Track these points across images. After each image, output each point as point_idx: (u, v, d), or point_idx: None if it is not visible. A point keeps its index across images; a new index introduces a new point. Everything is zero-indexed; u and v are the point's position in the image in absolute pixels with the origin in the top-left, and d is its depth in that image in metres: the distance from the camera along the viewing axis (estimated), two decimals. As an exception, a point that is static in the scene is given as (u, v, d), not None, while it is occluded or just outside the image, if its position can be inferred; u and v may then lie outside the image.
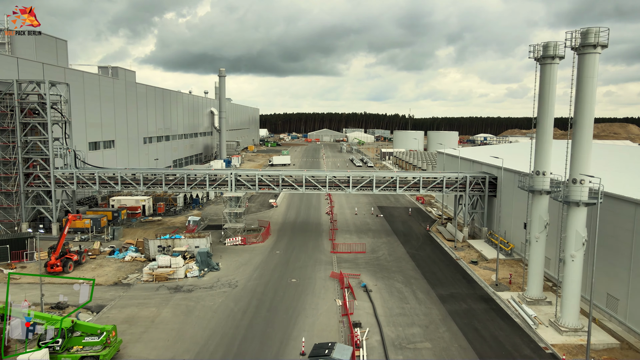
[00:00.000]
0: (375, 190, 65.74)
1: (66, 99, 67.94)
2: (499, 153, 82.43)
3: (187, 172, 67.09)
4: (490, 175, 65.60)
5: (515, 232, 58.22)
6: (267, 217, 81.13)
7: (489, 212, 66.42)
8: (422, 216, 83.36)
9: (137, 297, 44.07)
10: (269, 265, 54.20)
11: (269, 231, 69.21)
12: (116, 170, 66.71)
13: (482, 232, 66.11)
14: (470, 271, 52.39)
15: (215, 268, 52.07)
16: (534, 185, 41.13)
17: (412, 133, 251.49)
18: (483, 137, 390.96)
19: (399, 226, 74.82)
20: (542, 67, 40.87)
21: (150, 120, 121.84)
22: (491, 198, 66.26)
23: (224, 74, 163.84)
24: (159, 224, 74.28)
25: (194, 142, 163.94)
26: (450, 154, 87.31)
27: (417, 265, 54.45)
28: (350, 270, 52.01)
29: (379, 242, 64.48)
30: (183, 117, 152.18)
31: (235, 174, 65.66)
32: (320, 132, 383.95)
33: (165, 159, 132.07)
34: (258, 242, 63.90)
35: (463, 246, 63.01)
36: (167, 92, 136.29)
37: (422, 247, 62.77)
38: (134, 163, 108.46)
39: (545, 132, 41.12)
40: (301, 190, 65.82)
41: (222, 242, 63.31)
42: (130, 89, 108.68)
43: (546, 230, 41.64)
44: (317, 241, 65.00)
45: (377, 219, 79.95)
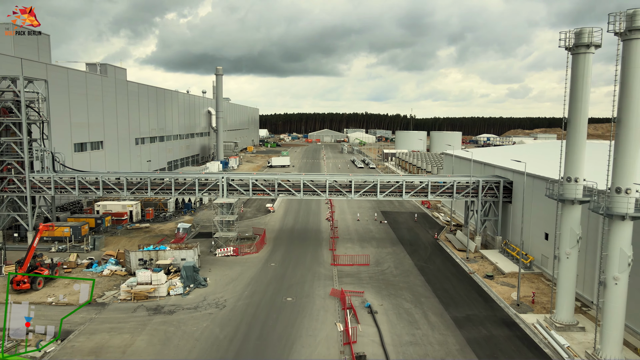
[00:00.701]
0: (380, 195, 60.37)
1: (44, 96, 62.66)
2: (512, 155, 77.03)
3: (175, 176, 61.75)
4: (505, 180, 60.16)
5: (534, 243, 52.80)
6: (263, 223, 75.77)
7: (503, 220, 60.98)
8: (429, 222, 77.94)
9: (111, 321, 38.71)
10: (262, 280, 48.83)
11: (264, 240, 63.84)
12: (98, 174, 61.37)
13: (496, 242, 60.66)
14: (486, 287, 46.96)
15: (202, 284, 46.69)
16: (565, 193, 35.72)
17: (416, 133, 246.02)
18: (486, 137, 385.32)
19: (404, 234, 69.40)
20: (575, 58, 35.48)
21: (143, 120, 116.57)
22: (506, 204, 60.83)
23: (221, 72, 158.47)
24: (146, 232, 68.94)
25: (190, 143, 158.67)
26: (460, 156, 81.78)
27: (427, 280, 49.04)
28: (352, 286, 46.64)
29: (384, 253, 59.08)
30: (178, 117, 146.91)
31: (227, 178, 60.31)
32: (321, 132, 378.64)
33: (159, 160, 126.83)
34: (252, 252, 58.53)
35: (476, 257, 57.58)
36: (161, 91, 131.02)
37: (431, 258, 57.36)
38: (124, 165, 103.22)
39: (578, 132, 35.73)
40: (299, 196, 60.46)
41: (213, 253, 57.97)
42: (121, 87, 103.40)
43: (578, 245, 36.24)
44: (317, 251, 59.64)
45: (381, 226, 74.55)
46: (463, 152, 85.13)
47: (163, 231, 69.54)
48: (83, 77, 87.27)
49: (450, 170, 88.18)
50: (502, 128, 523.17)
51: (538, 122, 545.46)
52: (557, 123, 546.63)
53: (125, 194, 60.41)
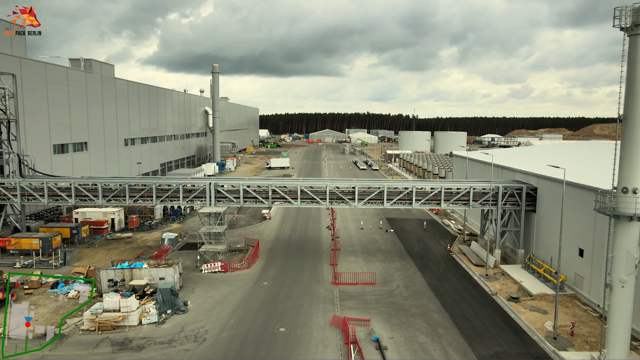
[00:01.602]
0: (387, 204, 53.63)
1: (12, 92, 56.14)
2: (531, 157, 70.33)
3: (158, 181, 55.09)
4: (528, 186, 53.37)
5: (566, 259, 45.97)
6: (258, 232, 69.08)
7: (526, 231, 54.22)
8: (439, 231, 71.17)
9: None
10: (252, 304, 42.13)
11: (257, 253, 57.17)
12: (71, 180, 54.67)
13: (518, 256, 53.88)
14: (514, 314, 40.17)
15: (181, 309, 40.01)
16: (621, 207, 28.94)
17: (419, 134, 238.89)
18: (490, 137, 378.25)
19: (413, 245, 62.64)
20: (633, 40, 28.73)
21: (133, 119, 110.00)
22: (529, 213, 54.06)
23: (217, 70, 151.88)
24: (127, 243, 62.30)
25: (185, 144, 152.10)
26: (474, 159, 74.74)
27: (443, 304, 42.27)
28: (356, 312, 39.97)
29: (392, 269, 52.34)
30: (173, 117, 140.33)
31: (215, 184, 53.60)
32: (322, 132, 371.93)
33: (151, 162, 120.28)
34: (242, 268, 51.85)
35: (496, 274, 50.81)
36: (153, 89, 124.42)
37: (445, 275, 50.61)
38: (112, 167, 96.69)
39: (638, 131, 28.92)
40: (296, 205, 53.75)
41: (198, 269, 51.31)
42: (108, 84, 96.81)
43: (636, 271, 29.46)
44: (316, 266, 52.95)
45: (387, 235, 67.79)
46: (477, 154, 78.13)
47: (147, 242, 62.90)
48: (64, 73, 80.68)
49: (461, 173, 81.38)
50: (505, 128, 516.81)
51: (542, 122, 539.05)
52: (562, 123, 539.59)
53: (101, 202, 53.77)
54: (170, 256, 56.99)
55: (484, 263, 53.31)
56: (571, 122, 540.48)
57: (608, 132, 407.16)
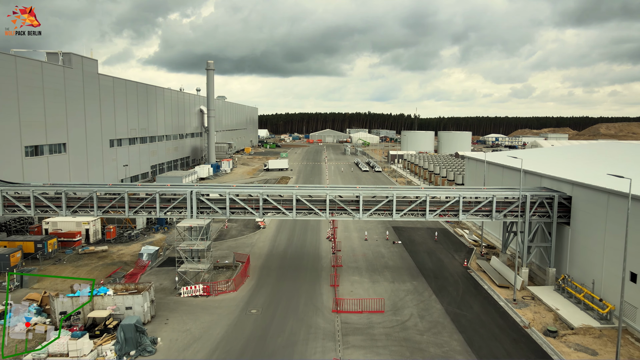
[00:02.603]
0: (396, 215, 46.27)
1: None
2: (553, 159, 62.93)
3: (132, 189, 47.72)
4: (561, 194, 45.97)
5: (610, 284, 38.64)
6: (250, 244, 61.76)
7: (557, 246, 46.88)
8: (452, 242, 63.81)
9: None
10: (236, 340, 34.79)
11: (247, 271, 49.87)
12: (30, 187, 47.29)
13: (549, 275, 46.50)
14: (556, 356, 32.71)
15: (148, 350, 32.68)
16: None
17: (423, 133, 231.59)
18: (494, 137, 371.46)
19: (425, 260, 55.28)
20: None
21: (120, 118, 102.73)
22: (561, 226, 46.70)
23: (212, 67, 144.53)
24: (101, 258, 55.01)
25: (179, 144, 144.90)
26: (492, 162, 67.04)
27: (468, 340, 34.87)
28: (363, 352, 32.63)
29: (402, 291, 44.98)
30: (165, 116, 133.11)
31: (197, 192, 46.23)
32: (323, 132, 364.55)
33: (140, 164, 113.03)
34: (228, 290, 44.53)
35: (525, 298, 43.43)
36: (143, 86, 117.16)
37: (465, 299, 43.24)
38: (95, 171, 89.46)
39: None
40: (291, 216, 46.40)
41: (177, 291, 44.01)
42: (91, 80, 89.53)
43: None
44: (314, 288, 45.63)
45: (395, 248, 60.43)
46: (495, 155, 70.39)
47: (123, 256, 55.62)
48: (38, 68, 73.35)
49: (476, 178, 73.94)
50: (508, 128, 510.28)
51: (545, 122, 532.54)
52: (565, 122, 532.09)
53: (65, 213, 46.42)
54: (149, 274, 49.85)
55: (509, 284, 45.98)
56: (575, 121, 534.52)
57: (614, 131, 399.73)
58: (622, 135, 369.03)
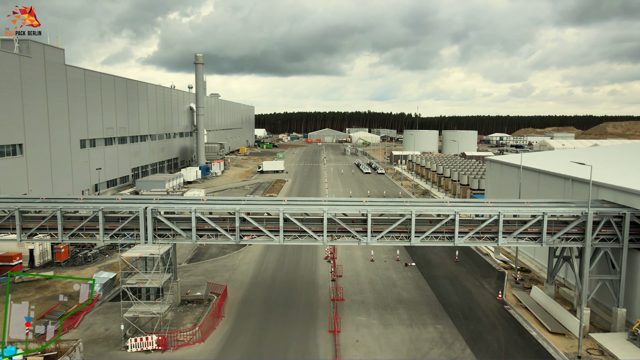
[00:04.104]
0: (416, 239, 35.18)
1: None
2: (596, 162, 51.67)
3: (65, 204, 36.41)
4: (634, 212, 34.84)
5: None
6: (231, 267, 50.62)
7: (629, 280, 35.78)
8: (476, 263, 52.73)
9: None
10: None
11: (222, 309, 38.70)
12: None
13: (617, 318, 35.35)
14: None
15: None
16: None
17: (427, 132, 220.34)
18: (499, 136, 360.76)
19: (447, 289, 44.14)
20: None
21: (94, 116, 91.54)
22: (633, 253, 35.59)
23: (201, 60, 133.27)
24: (40, 289, 43.73)
25: (166, 145, 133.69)
26: (530, 168, 54.87)
27: None
28: None
29: (425, 341, 33.82)
30: (149, 114, 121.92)
31: (153, 209, 35.01)
32: (322, 132, 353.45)
33: (118, 167, 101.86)
34: (193, 341, 33.38)
35: (591, 351, 32.30)
36: (122, 81, 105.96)
37: (510, 354, 32.10)
38: (61, 175, 78.27)
39: None
40: (277, 241, 35.28)
41: (123, 344, 32.86)
42: (55, 72, 78.32)
43: None
44: (307, 336, 34.48)
45: (408, 272, 49.32)
46: (526, 157, 58.53)
47: (68, 288, 44.25)
48: (-17, 55, 62.24)
49: (500, 183, 62.65)
50: (510, 127, 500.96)
51: (548, 121, 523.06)
52: (569, 121, 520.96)
53: (-23, 237, 35.30)
54: (96, 312, 38.79)
55: (565, 330, 34.88)
56: (578, 120, 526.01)
57: (621, 130, 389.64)
58: (629, 134, 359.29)
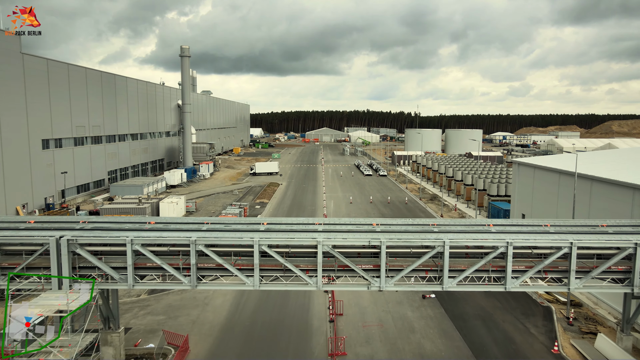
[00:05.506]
0: (450, 281, 24.48)
1: None
2: None
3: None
4: None
5: None
6: (201, 301, 39.74)
7: None
8: (514, 295, 42.01)
9: None
10: None
11: (178, 375, 27.93)
12: None
13: None
14: None
15: None
16: None
17: (429, 131, 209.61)
18: (502, 136, 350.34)
19: (482, 337, 33.41)
20: None
21: (60, 113, 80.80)
22: None
23: (187, 53, 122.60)
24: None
25: (150, 145, 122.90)
26: (579, 174, 43.56)
27: None
28: None
29: None
30: (130, 111, 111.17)
31: (72, 240, 24.16)
32: (320, 131, 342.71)
33: (91, 170, 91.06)
34: None
35: None
36: (95, 73, 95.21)
37: None
38: (17, 181, 67.45)
39: None
40: (250, 285, 24.58)
41: None
42: (10, 61, 67.52)
43: None
44: None
45: (427, 308, 38.56)
46: (563, 160, 46.50)
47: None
48: None
49: (533, 191, 51.76)
50: (512, 126, 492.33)
51: (550, 120, 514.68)
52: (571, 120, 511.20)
53: None
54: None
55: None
56: (580, 119, 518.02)
57: (627, 129, 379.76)
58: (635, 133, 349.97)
